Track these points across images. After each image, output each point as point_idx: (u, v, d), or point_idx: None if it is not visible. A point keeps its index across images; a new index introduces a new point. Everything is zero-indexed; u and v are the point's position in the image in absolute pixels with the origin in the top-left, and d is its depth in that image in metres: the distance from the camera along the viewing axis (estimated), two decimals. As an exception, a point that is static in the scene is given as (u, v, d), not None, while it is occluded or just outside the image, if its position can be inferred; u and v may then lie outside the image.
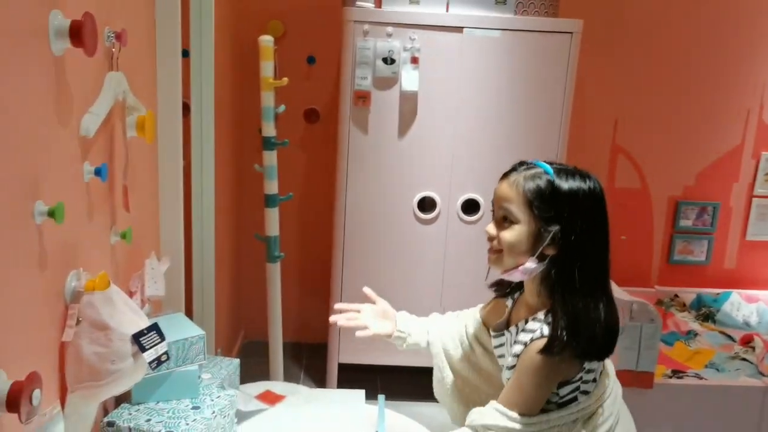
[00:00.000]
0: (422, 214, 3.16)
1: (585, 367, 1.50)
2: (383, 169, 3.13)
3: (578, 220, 1.48)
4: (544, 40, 3.02)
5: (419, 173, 3.13)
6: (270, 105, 2.78)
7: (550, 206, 1.48)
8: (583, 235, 1.48)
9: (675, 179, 3.89)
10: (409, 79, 2.99)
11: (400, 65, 2.97)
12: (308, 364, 3.76)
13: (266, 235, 2.90)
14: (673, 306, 3.72)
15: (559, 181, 1.50)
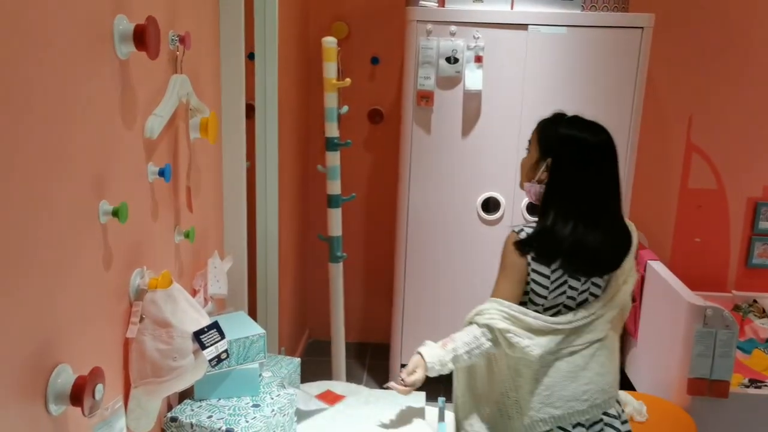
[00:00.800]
0: (486, 215, 3.12)
1: (552, 268, 1.81)
2: (446, 169, 3.10)
3: (566, 159, 1.82)
4: (614, 36, 2.92)
5: (483, 173, 3.09)
6: (333, 106, 2.80)
7: (548, 141, 1.85)
8: (568, 170, 1.82)
9: (754, 179, 3.70)
10: (473, 78, 2.95)
11: (463, 64, 2.94)
12: (371, 364, 3.77)
13: (329, 236, 2.92)
14: (752, 312, 3.54)
15: (563, 124, 1.86)
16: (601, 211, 1.83)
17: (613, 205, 1.85)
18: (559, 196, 1.82)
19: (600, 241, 1.80)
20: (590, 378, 1.83)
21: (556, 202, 1.81)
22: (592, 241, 1.79)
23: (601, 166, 1.83)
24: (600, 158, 1.83)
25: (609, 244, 1.82)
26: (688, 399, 2.60)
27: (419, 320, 3.28)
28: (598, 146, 1.82)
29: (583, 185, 1.81)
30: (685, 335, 2.59)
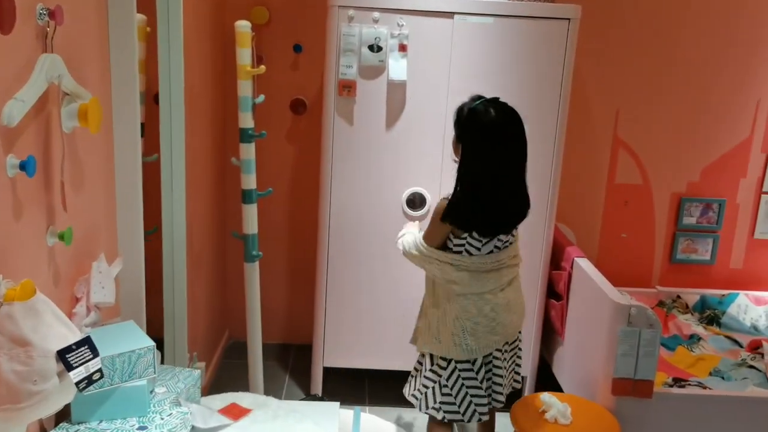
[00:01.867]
0: (412, 211, 2.99)
1: (465, 235, 2.25)
2: (370, 163, 2.96)
3: (469, 138, 2.21)
4: (541, 27, 2.84)
5: (408, 168, 2.97)
6: (247, 95, 2.63)
7: (459, 121, 2.24)
8: (470, 148, 2.20)
9: (678, 175, 3.71)
10: (397, 68, 2.82)
11: (387, 53, 2.80)
12: (294, 366, 3.61)
13: (244, 233, 2.74)
14: (675, 307, 3.55)
15: (469, 108, 2.21)
16: (503, 183, 2.20)
17: (515, 177, 2.23)
18: (466, 170, 2.21)
19: (501, 208, 2.22)
20: (517, 308, 2.40)
21: (464, 176, 2.21)
22: (493, 208, 2.20)
23: (505, 144, 2.18)
24: (502, 136, 2.18)
25: (510, 211, 2.26)
26: (613, 399, 2.55)
27: (342, 320, 3.14)
28: (500, 124, 2.17)
29: (487, 161, 2.17)
30: (610, 335, 2.54)
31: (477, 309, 2.31)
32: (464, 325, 2.32)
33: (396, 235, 2.99)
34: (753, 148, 3.69)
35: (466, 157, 2.21)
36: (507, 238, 2.32)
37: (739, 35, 3.52)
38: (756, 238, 3.80)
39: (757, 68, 3.56)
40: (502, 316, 2.34)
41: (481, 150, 2.18)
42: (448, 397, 2.38)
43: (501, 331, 2.36)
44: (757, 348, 3.07)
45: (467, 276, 2.29)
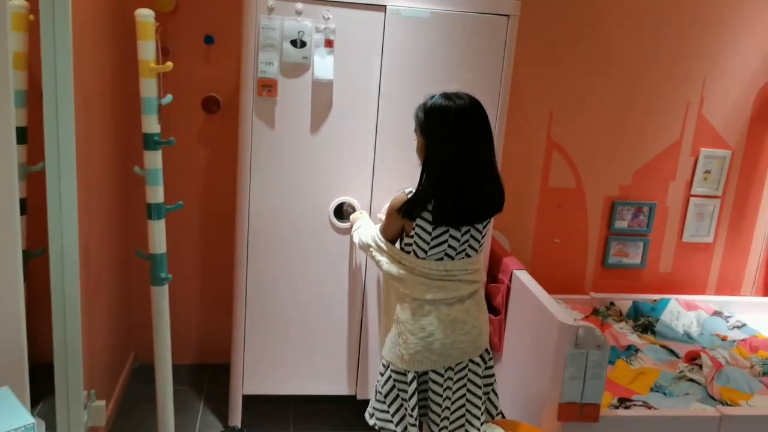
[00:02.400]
0: (339, 222, 2.73)
1: (415, 225, 2.12)
2: (293, 170, 2.67)
3: (430, 130, 2.10)
4: (479, 23, 2.63)
5: (336, 176, 2.70)
6: (152, 95, 2.28)
7: (421, 119, 2.12)
8: (433, 140, 2.09)
9: (611, 178, 3.62)
10: (323, 66, 2.54)
11: (312, 49, 2.52)
12: (210, 390, 3.28)
13: (150, 253, 2.40)
14: (610, 316, 3.45)
15: (432, 101, 2.11)
16: (474, 170, 2.08)
17: (486, 165, 2.11)
18: (431, 159, 2.09)
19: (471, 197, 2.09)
20: (466, 329, 2.20)
21: (430, 165, 2.10)
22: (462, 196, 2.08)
23: (474, 131, 2.08)
24: (470, 121, 2.07)
25: (481, 200, 2.12)
26: (559, 426, 2.39)
27: (263, 343, 2.84)
28: (467, 110, 2.07)
29: (455, 147, 2.06)
30: (555, 357, 2.37)
31: (414, 317, 2.17)
32: (401, 330, 2.18)
33: (320, 249, 2.75)
34: (682, 151, 3.64)
35: (432, 147, 2.09)
36: (463, 246, 2.15)
37: (668, 37, 3.44)
38: (684, 241, 3.76)
39: (687, 70, 3.50)
40: (443, 333, 2.16)
41: (449, 136, 2.07)
42: (381, 404, 2.23)
43: (440, 351, 2.15)
44: (694, 359, 3.00)
45: (411, 278, 2.17)
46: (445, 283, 2.17)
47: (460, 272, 2.17)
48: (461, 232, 2.13)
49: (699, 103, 3.56)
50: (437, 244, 2.13)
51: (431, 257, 2.15)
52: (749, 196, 3.75)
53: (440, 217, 2.09)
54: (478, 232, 2.18)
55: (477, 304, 2.24)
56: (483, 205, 2.14)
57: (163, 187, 2.38)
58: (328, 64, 2.53)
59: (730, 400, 2.68)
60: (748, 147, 3.67)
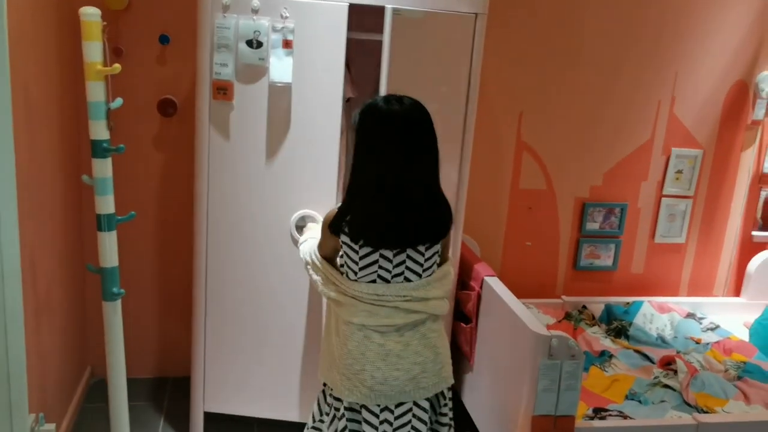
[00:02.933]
0: (301, 236, 2.61)
1: (342, 243, 1.95)
2: (253, 178, 2.55)
3: (358, 134, 1.90)
4: (447, 21, 2.53)
5: (298, 186, 2.57)
6: (99, 99, 2.14)
7: (353, 122, 1.99)
8: (358, 145, 1.89)
9: (582, 179, 3.55)
10: (281, 68, 2.42)
11: (268, 50, 2.39)
12: (171, 406, 3.13)
13: (100, 266, 2.26)
14: (583, 320, 3.39)
15: (365, 103, 1.93)
16: (399, 188, 1.86)
17: (419, 181, 1.88)
18: (353, 170, 1.92)
19: (395, 213, 1.87)
20: (403, 366, 1.95)
21: (351, 176, 1.93)
22: (383, 213, 1.86)
23: (405, 136, 1.84)
24: (396, 130, 1.85)
25: (410, 217, 1.88)
26: (533, 439, 2.30)
27: (224, 351, 2.72)
28: (393, 116, 1.85)
29: (375, 159, 1.86)
30: (530, 369, 2.28)
31: (343, 341, 1.99)
32: (331, 349, 2.06)
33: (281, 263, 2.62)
34: (654, 151, 3.59)
35: (357, 153, 1.91)
36: (399, 270, 1.94)
37: (638, 36, 3.39)
38: (656, 242, 3.71)
39: (658, 69, 3.45)
40: (372, 365, 1.95)
41: (374, 143, 1.87)
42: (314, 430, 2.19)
43: (370, 385, 1.95)
44: (668, 364, 2.94)
45: (344, 299, 1.99)
46: (377, 308, 1.95)
47: (396, 298, 1.94)
48: (393, 253, 1.92)
49: (670, 102, 3.51)
50: (367, 264, 1.93)
51: (362, 279, 1.95)
52: (720, 195, 3.72)
53: (356, 235, 1.89)
54: (420, 254, 1.94)
55: (422, 338, 1.98)
56: (415, 227, 1.90)
57: (117, 196, 2.25)
58: (286, 66, 2.41)
59: (705, 407, 2.63)
60: (719, 146, 3.63)
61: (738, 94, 3.57)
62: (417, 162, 1.87)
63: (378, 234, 1.89)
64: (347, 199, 1.94)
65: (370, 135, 1.87)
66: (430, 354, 1.99)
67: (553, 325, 3.27)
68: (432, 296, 1.99)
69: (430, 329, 2.01)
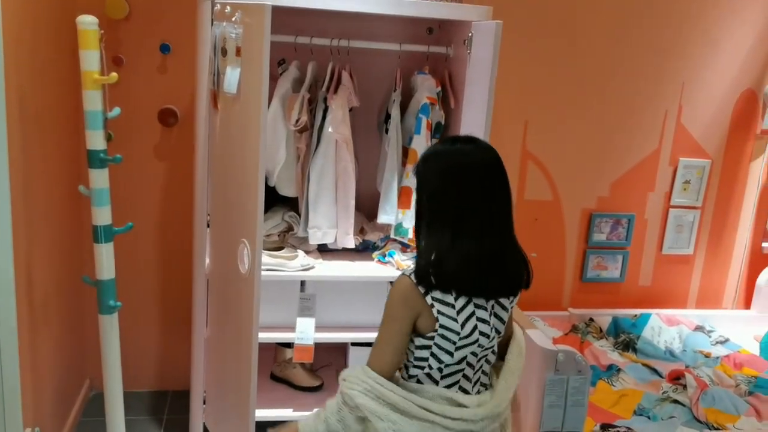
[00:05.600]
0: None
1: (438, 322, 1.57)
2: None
3: (422, 179, 1.64)
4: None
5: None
6: (96, 108, 2.10)
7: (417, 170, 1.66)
8: (425, 191, 1.63)
9: (588, 190, 3.50)
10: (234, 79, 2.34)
11: (270, 58, 2.35)
12: (170, 419, 3.09)
13: (97, 279, 2.22)
14: (590, 333, 3.33)
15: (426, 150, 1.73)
16: (486, 228, 1.62)
17: (499, 223, 1.66)
18: (425, 219, 1.63)
19: (493, 253, 1.61)
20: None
21: (425, 227, 1.63)
22: (480, 252, 1.59)
23: (478, 183, 1.60)
24: (477, 175, 1.61)
25: (504, 258, 1.66)
26: (540, 457, 2.24)
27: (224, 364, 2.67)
28: (454, 160, 1.61)
29: (444, 206, 1.59)
30: (536, 384, 2.22)
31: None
32: None
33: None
34: (661, 161, 3.53)
35: (427, 205, 1.62)
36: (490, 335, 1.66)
37: (646, 46, 3.34)
38: (664, 254, 3.65)
39: (664, 79, 3.40)
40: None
41: (443, 195, 1.60)
42: None
43: None
44: (677, 379, 2.88)
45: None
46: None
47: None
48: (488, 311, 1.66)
49: (677, 112, 3.46)
50: (468, 335, 1.61)
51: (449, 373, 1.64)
52: (729, 206, 3.66)
53: (466, 284, 1.60)
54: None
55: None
56: (508, 268, 1.69)
57: (117, 206, 2.22)
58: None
59: (716, 423, 2.57)
60: (728, 156, 3.58)
61: (747, 103, 3.52)
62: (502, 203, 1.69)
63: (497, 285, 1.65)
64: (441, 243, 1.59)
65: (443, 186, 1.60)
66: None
67: (560, 338, 3.22)
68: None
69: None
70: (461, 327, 1.59)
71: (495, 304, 1.68)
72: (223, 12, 2.29)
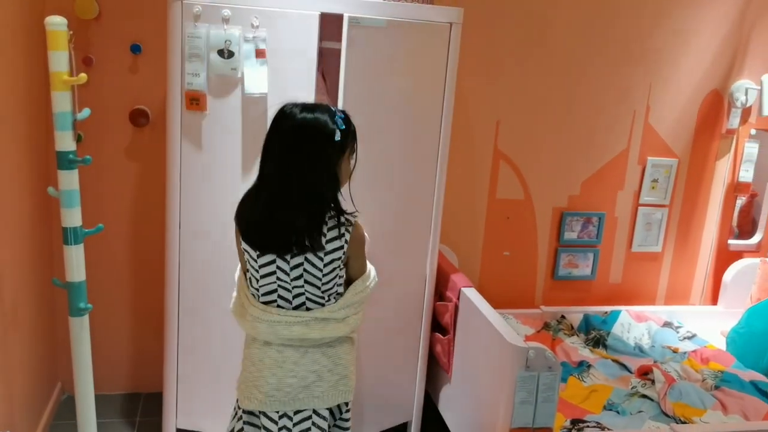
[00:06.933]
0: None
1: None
2: (228, 191, 2.50)
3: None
4: (421, 31, 2.51)
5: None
6: (65, 109, 2.09)
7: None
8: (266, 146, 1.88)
9: (559, 188, 3.55)
10: (256, 78, 2.38)
11: (241, 60, 2.36)
12: (143, 422, 3.07)
13: (67, 281, 2.20)
14: (561, 330, 3.37)
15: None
16: (289, 189, 1.80)
17: (307, 186, 1.81)
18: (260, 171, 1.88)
19: (278, 217, 1.82)
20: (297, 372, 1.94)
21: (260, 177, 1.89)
22: (265, 215, 1.83)
23: (291, 144, 1.80)
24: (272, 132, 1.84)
25: (291, 223, 1.81)
26: (511, 452, 2.28)
27: (198, 366, 2.66)
28: (280, 121, 1.83)
29: (273, 161, 1.83)
30: (505, 380, 2.26)
31: (245, 347, 2.04)
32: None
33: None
34: (630, 160, 3.60)
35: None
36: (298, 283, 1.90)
37: (614, 46, 3.40)
38: (634, 251, 3.72)
39: (633, 78, 3.46)
40: (271, 372, 1.94)
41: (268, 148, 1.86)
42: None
43: (266, 391, 1.94)
44: (646, 374, 2.94)
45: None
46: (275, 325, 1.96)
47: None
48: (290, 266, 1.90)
49: (645, 112, 3.52)
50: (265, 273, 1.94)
51: (261, 278, 2.00)
52: (696, 204, 3.73)
53: (246, 235, 1.93)
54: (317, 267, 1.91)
55: (323, 347, 1.97)
56: (267, 231, 1.87)
57: (89, 208, 2.21)
58: (260, 76, 2.38)
59: (683, 417, 2.62)
60: (694, 155, 3.65)
61: (712, 103, 3.59)
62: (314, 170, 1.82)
63: (263, 238, 1.88)
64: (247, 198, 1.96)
65: (275, 138, 1.85)
66: (328, 363, 1.97)
67: (532, 335, 3.26)
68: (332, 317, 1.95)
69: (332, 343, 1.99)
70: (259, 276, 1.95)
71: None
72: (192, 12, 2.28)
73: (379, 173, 2.62)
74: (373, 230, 2.68)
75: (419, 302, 2.80)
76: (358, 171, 2.01)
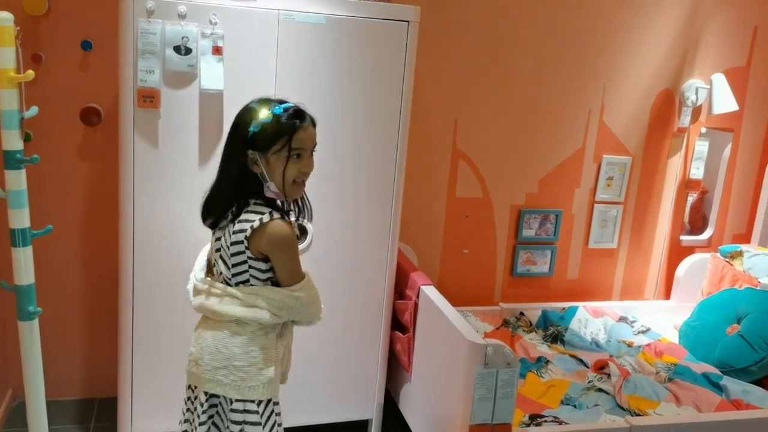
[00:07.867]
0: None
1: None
2: (183, 189, 2.46)
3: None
4: (378, 29, 2.51)
5: (229, 192, 2.50)
6: (11, 107, 2.02)
7: None
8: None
9: (517, 187, 3.58)
10: (212, 75, 2.35)
11: (198, 56, 2.32)
12: (98, 428, 3.00)
13: (15, 284, 2.13)
14: (520, 326, 3.41)
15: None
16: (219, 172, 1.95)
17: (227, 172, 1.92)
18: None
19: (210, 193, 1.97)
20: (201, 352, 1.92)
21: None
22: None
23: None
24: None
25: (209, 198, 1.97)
26: (471, 448, 2.29)
27: (152, 370, 2.61)
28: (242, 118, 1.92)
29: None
30: (465, 377, 2.27)
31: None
32: None
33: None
34: (585, 158, 3.65)
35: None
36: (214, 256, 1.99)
37: (569, 46, 3.45)
38: (590, 248, 3.78)
39: (588, 78, 3.52)
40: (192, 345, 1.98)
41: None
42: None
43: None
44: (602, 368, 2.98)
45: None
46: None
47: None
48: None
49: (600, 111, 3.58)
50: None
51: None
52: (649, 201, 3.81)
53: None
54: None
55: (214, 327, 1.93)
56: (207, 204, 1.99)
57: (39, 209, 2.15)
58: (217, 72, 2.34)
59: (638, 409, 2.67)
60: (647, 153, 3.73)
61: (664, 102, 3.67)
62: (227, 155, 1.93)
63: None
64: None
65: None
66: (210, 341, 1.91)
67: (491, 332, 3.28)
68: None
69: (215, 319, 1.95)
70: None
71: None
72: (144, 8, 2.24)
73: (337, 172, 2.61)
74: (332, 229, 2.67)
75: (379, 301, 2.80)
76: (315, 170, 1.99)
